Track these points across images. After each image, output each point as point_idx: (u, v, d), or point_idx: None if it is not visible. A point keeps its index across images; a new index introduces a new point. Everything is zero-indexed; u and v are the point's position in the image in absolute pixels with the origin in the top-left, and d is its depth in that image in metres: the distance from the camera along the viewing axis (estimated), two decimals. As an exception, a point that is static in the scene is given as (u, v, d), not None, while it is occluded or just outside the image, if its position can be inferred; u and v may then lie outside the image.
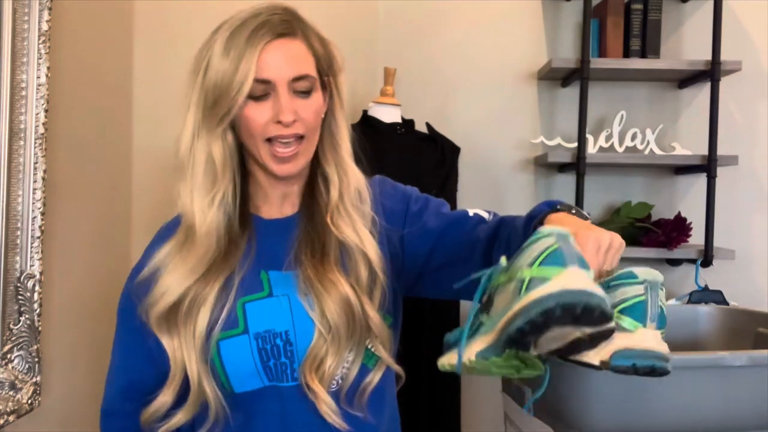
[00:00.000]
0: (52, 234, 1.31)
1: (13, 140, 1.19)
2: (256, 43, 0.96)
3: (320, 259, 1.01)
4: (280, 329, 0.99)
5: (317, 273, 1.00)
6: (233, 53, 0.96)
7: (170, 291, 0.98)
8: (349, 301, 0.99)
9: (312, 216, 1.05)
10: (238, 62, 0.95)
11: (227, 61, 0.96)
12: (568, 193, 2.06)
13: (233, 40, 0.96)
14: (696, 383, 1.26)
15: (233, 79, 0.95)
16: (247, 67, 0.95)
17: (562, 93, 2.11)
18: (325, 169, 1.05)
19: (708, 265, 1.96)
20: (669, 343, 0.88)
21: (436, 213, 1.09)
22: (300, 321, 1.00)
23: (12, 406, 1.21)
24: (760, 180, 2.12)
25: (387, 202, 1.09)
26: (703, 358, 1.33)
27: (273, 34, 0.97)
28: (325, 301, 0.98)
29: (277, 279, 1.02)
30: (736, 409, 1.28)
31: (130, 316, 1.04)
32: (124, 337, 1.07)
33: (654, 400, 1.25)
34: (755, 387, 1.26)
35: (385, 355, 1.03)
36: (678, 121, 2.11)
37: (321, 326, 0.99)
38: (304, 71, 0.98)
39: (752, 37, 2.10)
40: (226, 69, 0.96)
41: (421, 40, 2.07)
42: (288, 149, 0.99)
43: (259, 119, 0.97)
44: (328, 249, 1.02)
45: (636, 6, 1.98)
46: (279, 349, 0.99)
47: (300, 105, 0.98)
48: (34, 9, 1.20)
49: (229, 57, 0.96)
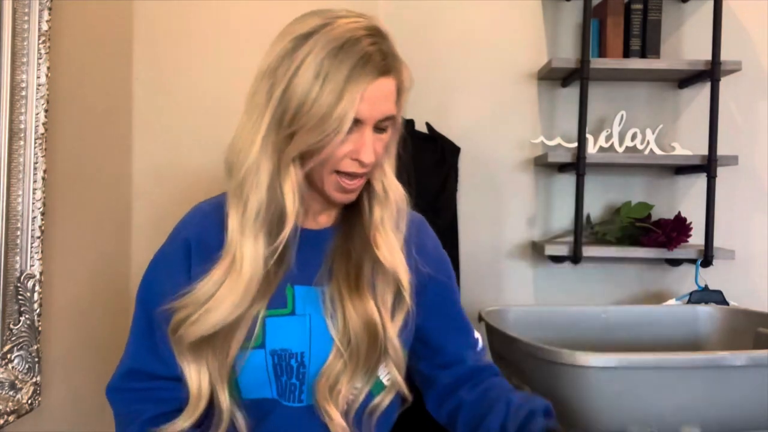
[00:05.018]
0: (52, 234, 1.31)
1: (13, 140, 1.19)
2: (360, 81, 0.90)
3: (354, 277, 0.99)
4: (297, 350, 0.98)
5: (349, 290, 0.98)
6: (331, 85, 0.89)
7: (211, 324, 0.94)
8: (374, 321, 0.97)
9: (350, 230, 1.02)
10: (338, 98, 0.89)
11: (323, 90, 0.89)
12: (568, 193, 2.06)
13: (331, 67, 0.89)
14: (696, 383, 1.26)
15: (330, 116, 0.89)
16: (347, 108, 0.89)
17: (562, 93, 2.11)
18: (373, 185, 1.02)
19: (708, 265, 1.96)
20: (669, 343, 0.88)
21: (454, 302, 1.12)
22: (317, 342, 0.98)
23: (12, 406, 1.21)
24: (760, 180, 2.12)
25: (421, 242, 1.07)
26: (703, 358, 1.33)
27: (376, 73, 0.91)
28: (351, 319, 0.97)
29: (302, 295, 1.00)
30: (736, 409, 1.28)
31: (147, 307, 1.01)
32: (140, 325, 1.04)
33: (654, 399, 1.25)
34: (755, 387, 1.26)
35: (399, 379, 1.02)
36: (678, 121, 2.11)
37: (341, 344, 0.97)
38: (393, 111, 0.95)
39: (752, 37, 2.10)
40: (322, 101, 0.89)
41: (421, 40, 2.07)
42: (355, 182, 0.97)
43: (338, 153, 0.93)
44: (363, 266, 1.00)
45: (636, 6, 1.98)
46: (292, 370, 0.98)
47: (377, 141, 0.95)
48: (34, 9, 1.20)
49: (325, 86, 0.89)
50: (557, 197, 2.12)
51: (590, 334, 1.72)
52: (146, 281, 1.04)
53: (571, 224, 2.03)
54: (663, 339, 1.70)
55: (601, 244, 2.02)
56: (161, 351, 1.00)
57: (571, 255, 1.94)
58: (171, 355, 0.98)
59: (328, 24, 0.93)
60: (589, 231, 2.06)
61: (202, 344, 0.95)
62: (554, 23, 2.11)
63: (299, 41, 0.92)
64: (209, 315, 0.94)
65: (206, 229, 1.01)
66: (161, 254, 1.04)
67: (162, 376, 1.01)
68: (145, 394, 1.02)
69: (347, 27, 0.92)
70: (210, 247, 0.99)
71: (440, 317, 1.10)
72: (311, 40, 0.91)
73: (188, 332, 0.95)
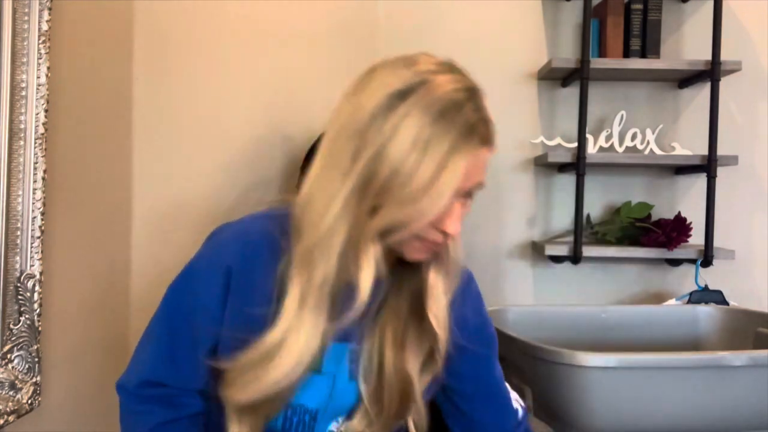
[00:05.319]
0: (52, 234, 1.30)
1: (13, 140, 1.19)
2: (464, 154, 0.83)
3: (401, 334, 0.94)
4: (312, 406, 0.95)
5: (394, 348, 0.93)
6: (432, 156, 0.81)
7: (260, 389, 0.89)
8: (412, 384, 0.93)
9: (401, 285, 0.95)
10: (439, 171, 0.81)
11: (422, 161, 0.81)
12: (568, 193, 2.06)
13: (432, 135, 0.81)
14: (696, 383, 1.27)
15: (428, 191, 0.81)
16: (449, 182, 0.82)
17: (562, 93, 2.11)
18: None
19: (708, 265, 1.96)
20: (669, 343, 0.88)
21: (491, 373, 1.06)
22: (336, 401, 0.96)
23: (12, 406, 1.21)
24: (760, 180, 2.12)
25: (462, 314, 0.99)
26: (703, 358, 1.33)
27: (479, 144, 0.84)
28: (388, 378, 0.92)
29: (332, 352, 0.94)
30: (736, 409, 1.28)
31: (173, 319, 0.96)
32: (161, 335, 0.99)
33: (654, 400, 1.25)
34: (755, 387, 1.26)
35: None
36: (678, 121, 2.11)
37: (369, 404, 0.94)
38: (484, 179, 0.90)
39: (752, 37, 2.10)
40: (421, 173, 0.80)
41: (421, 40, 2.07)
42: (435, 247, 0.90)
43: (423, 225, 0.86)
44: (410, 325, 0.94)
45: (636, 6, 1.98)
46: (304, 425, 0.96)
47: (463, 208, 0.89)
48: (34, 9, 1.20)
49: (424, 156, 0.81)
50: (557, 197, 2.12)
51: (590, 334, 1.72)
52: (176, 293, 0.98)
53: (571, 224, 2.03)
54: (663, 339, 1.70)
55: (601, 244, 2.02)
56: (181, 364, 0.97)
57: (571, 255, 1.94)
58: (191, 368, 0.96)
59: (426, 82, 0.85)
60: (589, 231, 2.06)
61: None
62: (554, 23, 2.11)
63: (394, 100, 0.83)
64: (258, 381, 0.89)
65: (253, 265, 0.93)
66: (197, 270, 0.97)
67: (179, 387, 0.99)
68: (160, 399, 0.99)
69: (448, 88, 0.85)
70: (254, 285, 0.92)
71: (475, 385, 1.04)
72: (409, 101, 0.83)
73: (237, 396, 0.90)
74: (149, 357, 0.99)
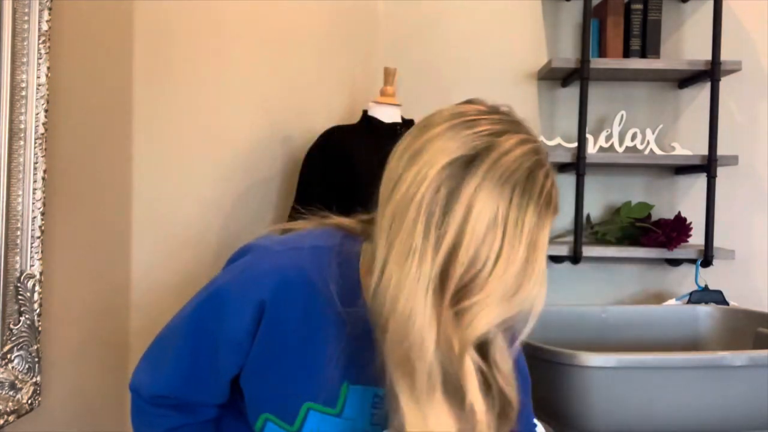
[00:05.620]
0: (52, 234, 1.30)
1: (13, 140, 1.19)
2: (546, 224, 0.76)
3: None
4: None
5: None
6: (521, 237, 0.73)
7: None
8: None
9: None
10: (533, 253, 0.74)
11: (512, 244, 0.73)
12: (568, 193, 2.06)
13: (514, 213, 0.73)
14: (696, 383, 1.27)
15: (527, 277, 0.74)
16: (542, 261, 0.75)
17: (562, 93, 2.11)
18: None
19: (708, 265, 1.96)
20: (669, 343, 0.88)
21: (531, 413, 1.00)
22: None
23: (12, 406, 1.21)
24: (760, 180, 2.12)
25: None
26: (703, 358, 1.33)
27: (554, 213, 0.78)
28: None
29: (355, 394, 0.89)
30: (736, 409, 1.28)
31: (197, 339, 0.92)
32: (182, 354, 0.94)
33: (654, 399, 1.25)
34: (755, 387, 1.26)
35: None
36: (678, 121, 2.11)
37: None
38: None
39: (752, 37, 2.10)
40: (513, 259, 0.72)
41: (421, 40, 2.07)
42: None
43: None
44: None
45: (636, 6, 1.99)
46: None
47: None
48: (34, 9, 1.20)
49: (514, 238, 0.73)
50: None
51: (590, 334, 1.72)
52: (202, 313, 0.92)
53: (571, 224, 2.03)
54: (663, 339, 1.70)
55: (601, 244, 2.02)
56: (198, 383, 0.94)
57: (571, 255, 1.94)
58: (211, 391, 0.95)
59: (494, 147, 0.76)
60: (589, 231, 2.06)
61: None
62: (554, 23, 2.11)
63: (458, 170, 0.74)
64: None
65: (287, 304, 0.88)
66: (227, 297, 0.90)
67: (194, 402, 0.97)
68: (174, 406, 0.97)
69: (517, 153, 0.76)
70: (285, 320, 0.88)
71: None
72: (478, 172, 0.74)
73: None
74: (167, 374, 0.95)
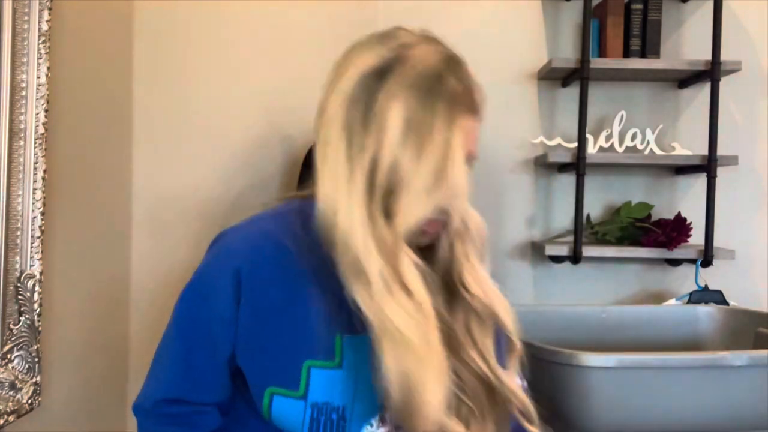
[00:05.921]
0: (52, 234, 1.30)
1: (13, 140, 1.19)
2: (457, 124, 0.83)
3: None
4: (338, 403, 0.92)
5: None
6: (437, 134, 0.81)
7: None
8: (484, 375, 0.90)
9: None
10: (447, 150, 0.83)
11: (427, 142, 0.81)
12: (568, 193, 2.06)
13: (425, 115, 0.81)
14: (696, 383, 1.27)
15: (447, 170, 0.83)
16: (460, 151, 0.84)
17: (562, 93, 2.11)
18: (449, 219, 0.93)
19: (708, 265, 1.96)
20: (669, 343, 0.88)
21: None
22: (361, 396, 0.92)
23: (12, 406, 1.21)
24: (760, 180, 2.11)
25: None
26: (703, 358, 1.33)
27: (466, 113, 0.86)
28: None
29: (350, 345, 0.92)
30: (736, 409, 1.28)
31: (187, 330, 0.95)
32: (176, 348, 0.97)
33: (654, 400, 1.25)
34: (755, 387, 1.26)
35: None
36: (678, 121, 2.11)
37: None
38: (477, 152, 0.90)
39: (752, 37, 2.10)
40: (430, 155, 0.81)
41: (421, 40, 2.06)
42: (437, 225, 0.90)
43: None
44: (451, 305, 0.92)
45: (636, 6, 1.98)
46: (333, 424, 0.92)
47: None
48: (34, 9, 1.20)
49: (428, 137, 0.81)
50: (557, 197, 2.12)
51: (590, 334, 1.72)
52: (187, 303, 0.97)
53: (571, 224, 2.03)
54: (663, 339, 1.70)
55: (601, 244, 2.02)
56: (197, 376, 0.96)
57: (571, 255, 1.94)
58: (211, 379, 0.95)
59: (405, 57, 0.84)
60: (589, 231, 2.06)
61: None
62: (554, 23, 2.11)
63: (371, 81, 0.83)
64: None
65: (261, 266, 0.92)
66: (205, 277, 0.96)
67: (197, 401, 0.97)
68: (177, 419, 0.97)
69: (426, 61, 0.84)
70: (265, 285, 0.92)
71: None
72: (390, 80, 0.82)
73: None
74: (166, 373, 0.98)
